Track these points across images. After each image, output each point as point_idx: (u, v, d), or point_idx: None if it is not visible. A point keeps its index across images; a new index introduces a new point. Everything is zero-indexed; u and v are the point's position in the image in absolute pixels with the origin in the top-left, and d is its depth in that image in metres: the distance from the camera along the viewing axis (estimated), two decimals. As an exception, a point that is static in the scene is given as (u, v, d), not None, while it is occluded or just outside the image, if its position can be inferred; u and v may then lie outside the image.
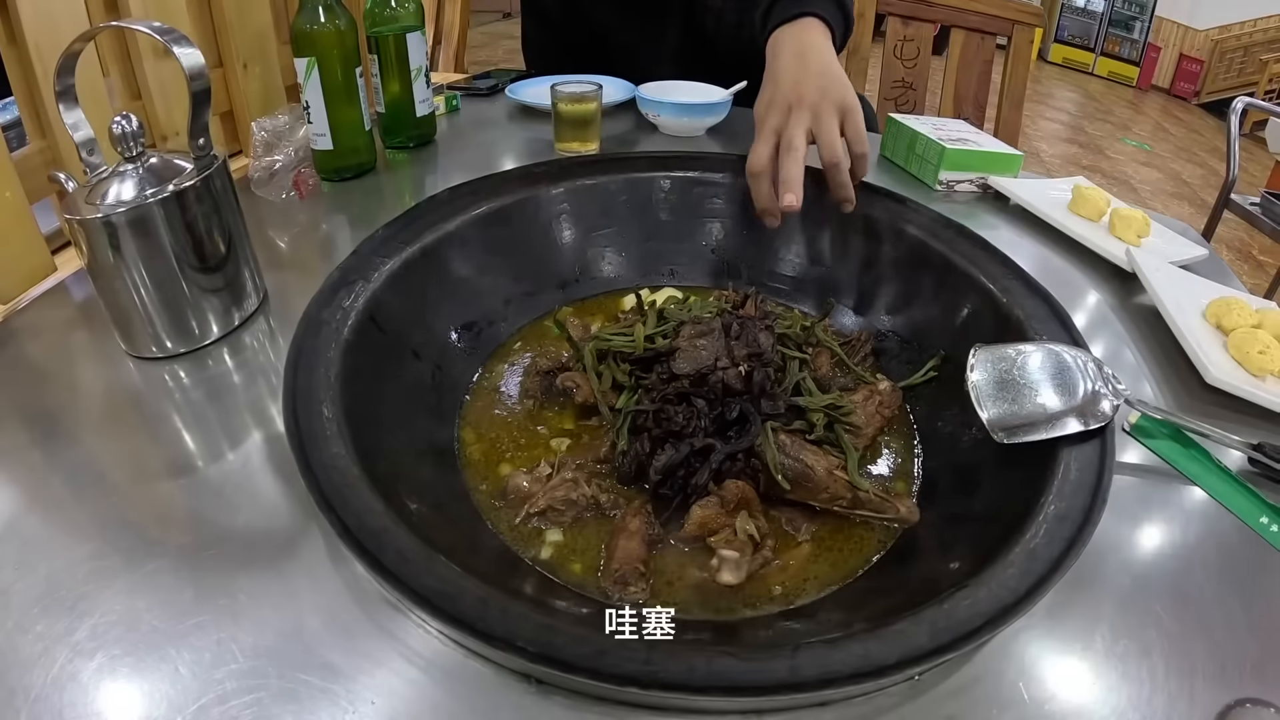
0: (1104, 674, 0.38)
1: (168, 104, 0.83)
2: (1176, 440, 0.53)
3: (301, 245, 0.75)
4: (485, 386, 0.60)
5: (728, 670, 0.34)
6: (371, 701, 0.35)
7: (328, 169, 0.85)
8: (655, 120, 1.02)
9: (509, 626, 0.35)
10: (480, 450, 0.54)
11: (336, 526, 0.38)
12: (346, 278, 0.56)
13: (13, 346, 0.59)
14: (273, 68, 0.96)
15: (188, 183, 0.55)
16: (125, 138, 0.54)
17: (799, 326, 0.60)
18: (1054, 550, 0.39)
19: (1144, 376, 0.61)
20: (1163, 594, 0.43)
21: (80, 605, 0.39)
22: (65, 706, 0.35)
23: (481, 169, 0.75)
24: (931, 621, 0.36)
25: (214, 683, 0.35)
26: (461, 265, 0.64)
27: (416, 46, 0.89)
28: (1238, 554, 0.46)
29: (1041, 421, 0.47)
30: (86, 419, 0.53)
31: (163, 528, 0.44)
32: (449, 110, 1.07)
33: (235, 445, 0.50)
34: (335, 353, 0.49)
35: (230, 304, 0.60)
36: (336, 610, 0.39)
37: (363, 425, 0.46)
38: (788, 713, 0.36)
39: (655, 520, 0.48)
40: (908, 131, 0.93)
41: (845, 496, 0.48)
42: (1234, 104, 1.85)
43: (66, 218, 0.53)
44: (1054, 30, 5.10)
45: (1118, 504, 0.44)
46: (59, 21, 0.67)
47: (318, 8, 0.78)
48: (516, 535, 0.48)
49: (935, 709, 0.36)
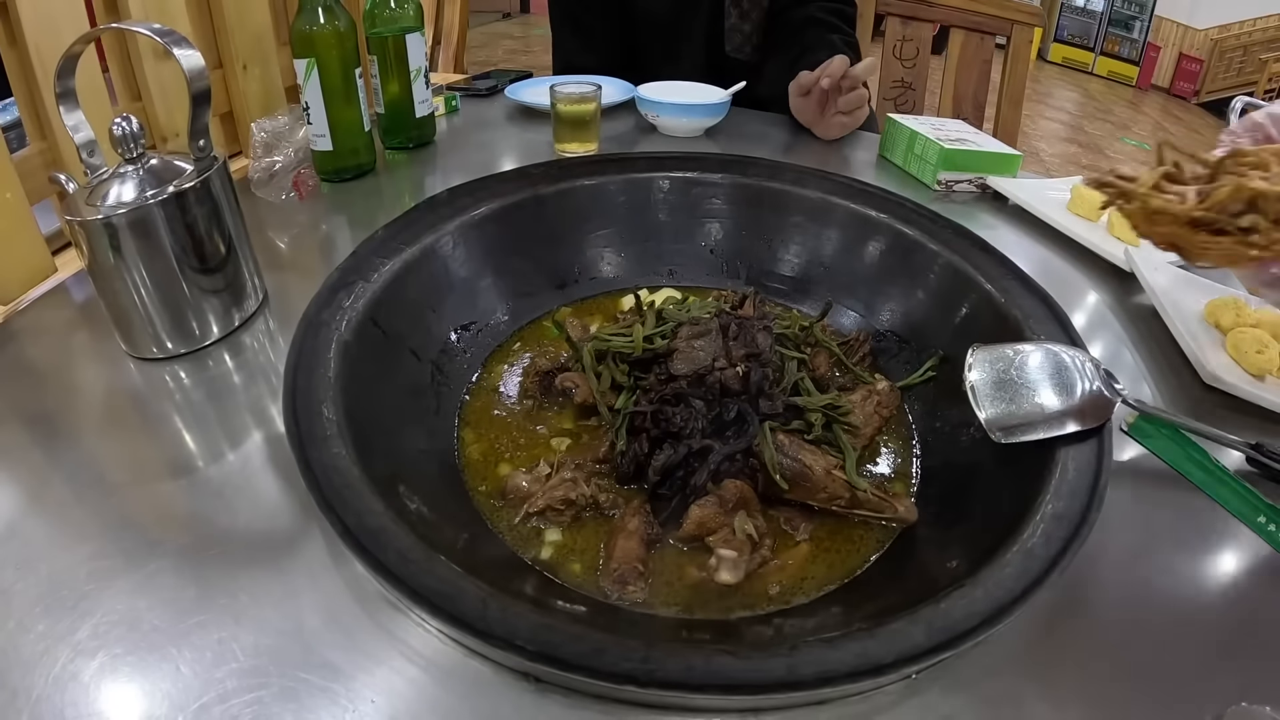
0: (1100, 673, 0.38)
1: (168, 105, 0.83)
2: (1174, 440, 0.53)
3: (301, 246, 0.75)
4: (484, 387, 0.60)
5: (725, 669, 0.34)
6: (371, 700, 0.36)
7: (327, 170, 0.85)
8: (654, 121, 1.02)
9: (508, 625, 0.35)
10: (479, 450, 0.54)
11: (337, 526, 0.38)
12: (346, 278, 0.56)
13: (13, 347, 0.59)
14: (272, 69, 0.97)
15: (188, 184, 0.55)
16: (125, 139, 0.54)
17: (797, 327, 0.60)
18: (1051, 550, 0.39)
19: (1142, 376, 0.61)
20: (1160, 594, 0.43)
21: (81, 605, 0.39)
22: (67, 706, 0.35)
23: (481, 170, 0.75)
24: (929, 621, 0.36)
25: (215, 681, 0.36)
26: (461, 266, 0.64)
27: (416, 47, 0.89)
28: (1236, 554, 0.46)
29: (1039, 421, 0.47)
30: (87, 420, 0.53)
31: (163, 528, 0.44)
32: (448, 111, 1.08)
33: (236, 446, 0.50)
34: (335, 353, 0.49)
35: (230, 305, 0.61)
36: (337, 609, 0.40)
37: (362, 425, 0.46)
38: (785, 711, 0.36)
39: (654, 520, 0.48)
40: (906, 131, 0.93)
41: (843, 496, 0.48)
42: (1233, 103, 1.84)
43: (67, 219, 0.53)
44: (1053, 30, 5.10)
45: (1115, 503, 0.44)
46: (59, 23, 0.67)
47: (317, 9, 0.78)
48: (516, 535, 0.48)
49: (932, 708, 0.36)
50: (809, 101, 0.99)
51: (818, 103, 0.99)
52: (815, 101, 0.99)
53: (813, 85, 0.96)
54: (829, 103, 0.98)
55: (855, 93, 0.96)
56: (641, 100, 1.02)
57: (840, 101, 0.96)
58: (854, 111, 0.97)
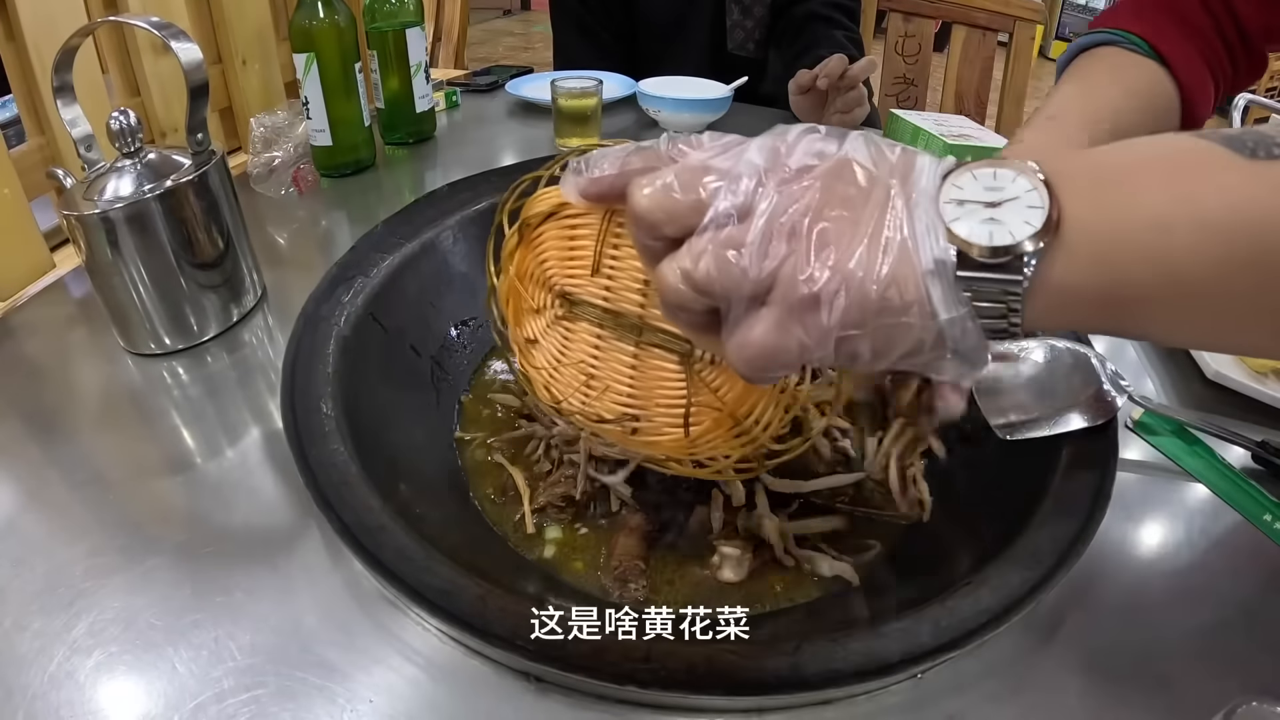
0: (1106, 671, 0.38)
1: (166, 100, 0.82)
2: (1180, 437, 0.53)
3: (300, 241, 0.75)
4: (484, 382, 0.60)
5: (729, 668, 0.33)
6: (370, 699, 0.35)
7: (327, 165, 0.85)
8: (656, 116, 1.02)
9: (508, 624, 0.34)
10: (479, 447, 0.54)
11: (335, 524, 0.38)
12: (345, 274, 0.55)
13: (11, 344, 0.58)
14: (272, 64, 0.96)
15: (186, 178, 0.55)
16: (123, 133, 0.53)
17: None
18: (1057, 547, 0.39)
19: (1147, 373, 0.60)
20: (1166, 592, 0.43)
21: (78, 603, 0.39)
22: (62, 704, 0.34)
23: (481, 165, 0.74)
24: (934, 620, 0.35)
25: (212, 680, 0.35)
26: (461, 261, 0.64)
27: (416, 42, 0.89)
28: (1241, 552, 0.46)
29: (1044, 418, 0.47)
30: (84, 416, 0.52)
31: (161, 525, 0.44)
32: (449, 106, 1.07)
33: (233, 442, 0.50)
34: (334, 349, 0.49)
35: (229, 300, 0.60)
36: (335, 608, 0.39)
37: (361, 422, 0.46)
38: (789, 711, 0.36)
39: (656, 517, 0.47)
40: (909, 127, 0.93)
41: (848, 493, 0.48)
42: (1235, 101, 1.83)
43: (64, 214, 0.53)
44: (1055, 27, 5.09)
45: (1121, 501, 0.43)
46: (57, 18, 0.66)
47: (317, 3, 0.77)
48: (516, 532, 0.48)
49: (938, 707, 0.36)
50: (807, 100, 0.99)
51: (816, 101, 0.99)
52: (813, 100, 0.99)
53: (811, 84, 0.96)
54: (827, 101, 0.98)
55: (853, 92, 0.96)
56: (643, 95, 1.01)
57: (838, 101, 0.96)
58: (852, 111, 0.97)
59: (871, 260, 0.24)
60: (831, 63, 0.94)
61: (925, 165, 0.26)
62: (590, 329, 0.41)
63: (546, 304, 0.42)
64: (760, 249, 0.25)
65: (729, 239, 0.26)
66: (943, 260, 0.24)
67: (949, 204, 0.25)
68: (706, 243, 0.26)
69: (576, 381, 0.42)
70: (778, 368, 0.27)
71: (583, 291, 0.40)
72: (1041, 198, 0.25)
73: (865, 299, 0.24)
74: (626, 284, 0.38)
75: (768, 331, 0.26)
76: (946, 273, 0.24)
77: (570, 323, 0.42)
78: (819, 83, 0.94)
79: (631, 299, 0.39)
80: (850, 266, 0.24)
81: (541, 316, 0.43)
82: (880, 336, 0.25)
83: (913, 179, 0.26)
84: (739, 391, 0.38)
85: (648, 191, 0.27)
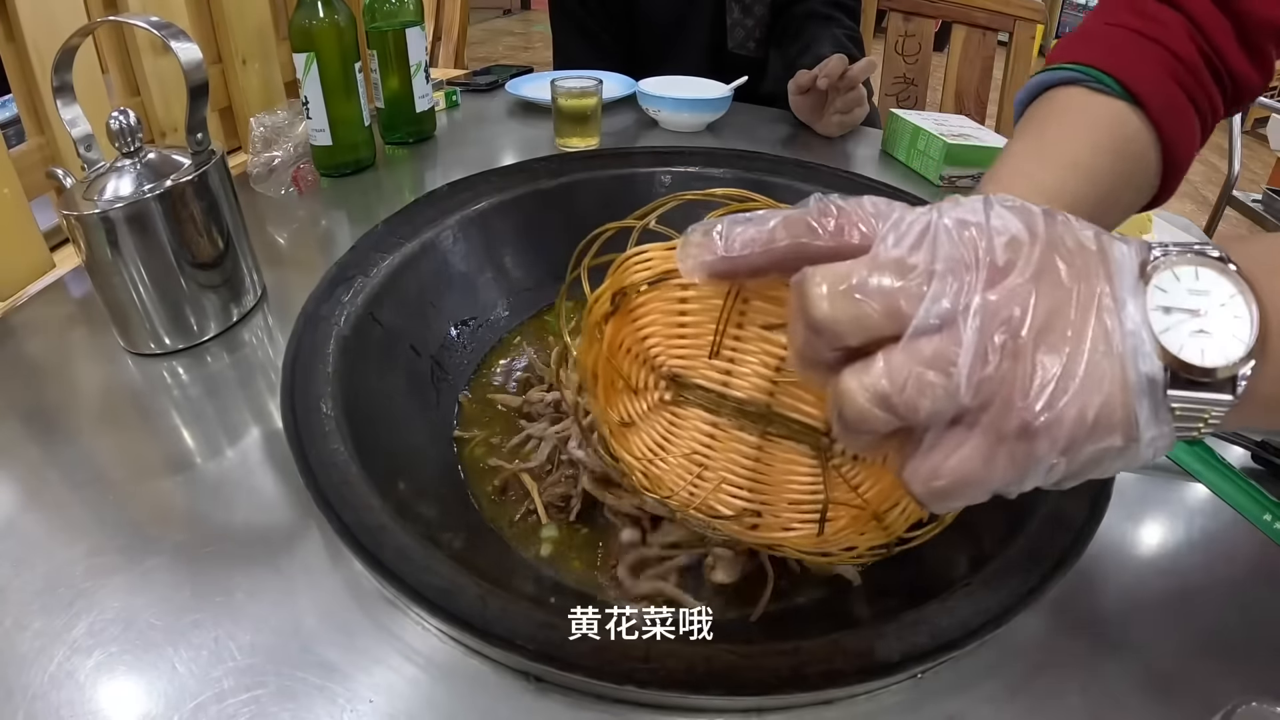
0: (1105, 672, 0.38)
1: (166, 100, 0.82)
2: (1180, 437, 0.53)
3: (300, 241, 0.75)
4: (484, 382, 0.60)
5: (728, 668, 0.33)
6: (370, 699, 0.35)
7: (327, 165, 0.85)
8: (656, 115, 1.02)
9: (508, 624, 0.34)
10: (479, 446, 0.54)
11: (334, 523, 0.38)
12: (345, 273, 0.55)
13: (11, 344, 0.58)
14: (272, 64, 0.96)
15: (185, 178, 0.55)
16: (123, 133, 0.53)
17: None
18: (1056, 548, 0.39)
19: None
20: (1165, 592, 0.43)
21: (78, 603, 0.39)
22: (62, 704, 0.34)
23: (481, 164, 0.74)
24: (934, 620, 0.35)
25: (212, 681, 0.35)
26: (461, 260, 0.64)
27: (416, 42, 0.89)
28: (1241, 551, 0.46)
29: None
30: (84, 416, 0.52)
31: (161, 525, 0.44)
32: (449, 106, 1.07)
33: (233, 442, 0.50)
34: (334, 349, 0.49)
35: (229, 300, 0.60)
36: (335, 608, 0.39)
37: (361, 422, 0.46)
38: (789, 711, 0.35)
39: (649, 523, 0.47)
40: (909, 127, 0.93)
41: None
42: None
43: (64, 214, 0.53)
44: (1055, 27, 5.09)
45: (1120, 501, 0.43)
46: (57, 17, 0.66)
47: (317, 3, 0.77)
48: (515, 532, 0.48)
49: (938, 707, 0.36)
50: (807, 100, 1.00)
51: (816, 102, 0.99)
52: (813, 100, 0.99)
53: (810, 85, 0.96)
54: (827, 101, 0.98)
55: (853, 93, 0.96)
56: (643, 95, 1.01)
57: (838, 102, 0.96)
58: (852, 111, 0.97)
59: (1094, 383, 0.22)
60: (831, 63, 0.94)
61: (1124, 259, 0.23)
62: (703, 415, 0.36)
63: (649, 384, 0.37)
64: (975, 369, 0.22)
65: (936, 356, 0.22)
66: (1154, 379, 0.22)
67: (1155, 311, 0.23)
68: (909, 361, 0.22)
69: (687, 473, 0.37)
70: (968, 500, 0.24)
71: (695, 374, 0.35)
72: (1247, 305, 0.23)
73: (1082, 424, 0.22)
74: (754, 367, 0.34)
75: (968, 460, 0.23)
76: (1156, 391, 0.22)
77: (678, 408, 0.37)
78: (819, 83, 0.94)
79: (757, 383, 0.34)
80: (1073, 391, 0.22)
81: (641, 398, 0.37)
82: (1078, 459, 0.23)
83: (1117, 278, 0.23)
84: (883, 487, 0.34)
85: (829, 294, 0.23)
